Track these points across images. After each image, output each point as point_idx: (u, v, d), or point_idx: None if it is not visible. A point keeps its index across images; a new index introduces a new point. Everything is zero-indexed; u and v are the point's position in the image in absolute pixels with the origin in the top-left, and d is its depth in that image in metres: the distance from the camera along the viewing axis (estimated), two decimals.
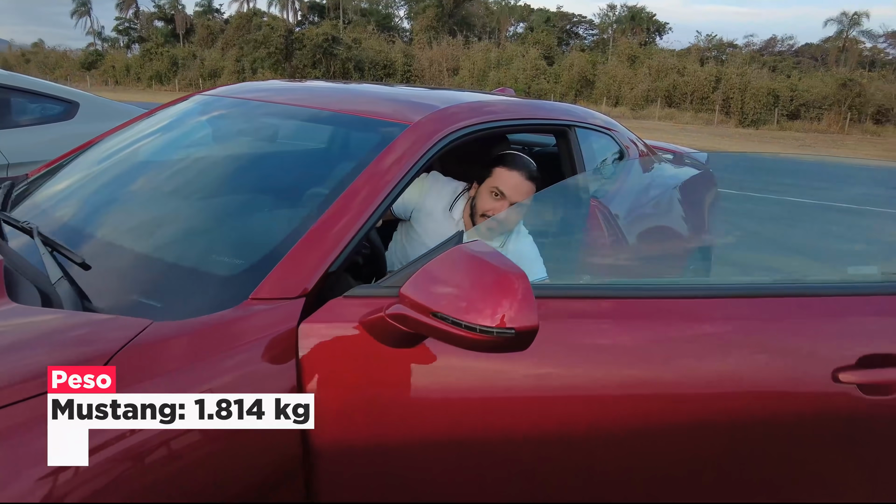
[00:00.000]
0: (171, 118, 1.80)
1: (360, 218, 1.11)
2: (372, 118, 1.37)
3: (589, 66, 34.66)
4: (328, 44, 37.88)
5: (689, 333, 1.13)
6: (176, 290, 1.05)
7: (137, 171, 1.56)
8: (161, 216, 1.33)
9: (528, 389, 1.05)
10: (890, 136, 26.21)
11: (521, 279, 0.83)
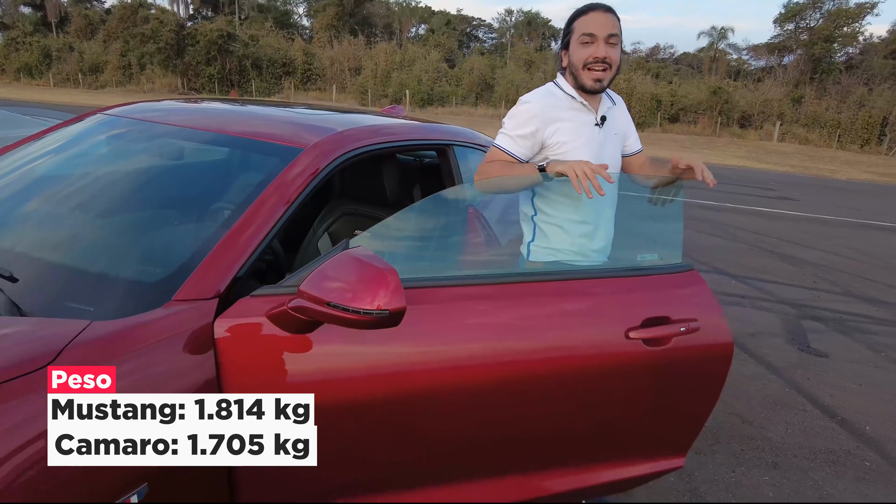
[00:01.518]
0: (75, 136, 1.92)
1: (263, 230, 1.34)
2: (272, 142, 1.60)
3: (489, 69, 35.75)
4: (223, 40, 36.27)
5: (527, 311, 1.48)
6: (105, 295, 1.22)
7: (48, 187, 1.67)
8: (80, 230, 1.47)
9: (406, 361, 1.34)
10: (751, 139, 29.35)
11: (392, 273, 1.11)
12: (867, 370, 3.39)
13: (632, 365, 1.54)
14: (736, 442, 2.54)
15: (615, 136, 1.79)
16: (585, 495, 1.68)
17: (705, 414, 1.78)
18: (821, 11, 36.28)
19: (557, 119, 1.66)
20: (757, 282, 5.01)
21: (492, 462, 1.55)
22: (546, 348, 1.47)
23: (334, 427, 1.27)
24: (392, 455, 1.42)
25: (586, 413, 1.58)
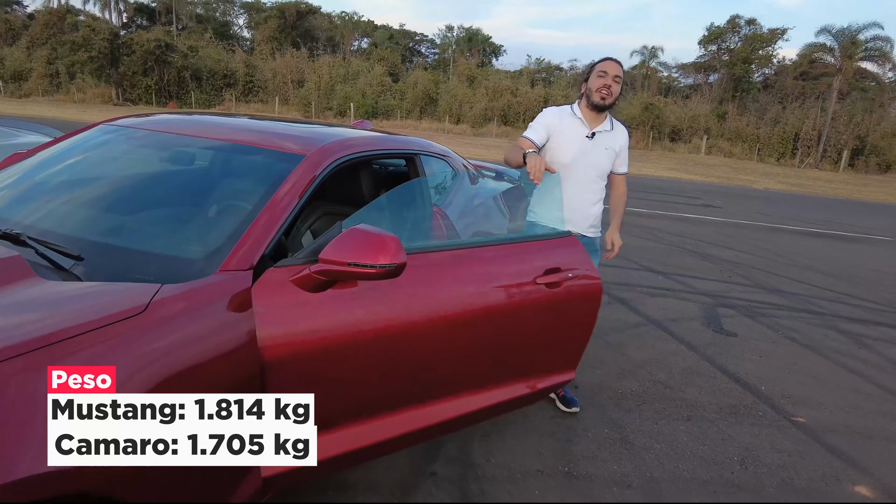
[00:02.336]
0: (99, 143, 2.21)
1: (280, 219, 1.70)
2: (280, 150, 1.95)
3: (432, 84, 36.42)
4: (161, 51, 35.41)
5: (474, 269, 1.96)
6: (162, 269, 1.54)
7: (96, 187, 1.97)
8: (133, 221, 1.79)
9: (391, 310, 1.74)
10: (681, 152, 31.22)
11: (395, 239, 1.51)
12: (767, 346, 4.00)
13: (539, 302, 2.11)
14: (659, 402, 3.03)
15: (605, 150, 2.59)
16: (516, 405, 2.28)
17: (587, 337, 2.44)
18: (739, 35, 39.03)
19: (560, 125, 2.58)
20: (680, 277, 5.64)
21: (452, 382, 2.02)
22: (485, 292, 1.99)
23: (343, 360, 1.65)
24: (384, 380, 1.82)
25: (514, 340, 2.13)
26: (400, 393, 1.89)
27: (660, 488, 2.30)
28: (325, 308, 1.63)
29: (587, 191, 2.62)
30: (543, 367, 2.33)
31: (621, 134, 2.65)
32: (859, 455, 2.71)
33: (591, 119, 2.58)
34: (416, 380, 1.92)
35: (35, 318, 1.22)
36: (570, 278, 2.19)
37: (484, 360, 2.09)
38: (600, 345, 3.71)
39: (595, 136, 2.58)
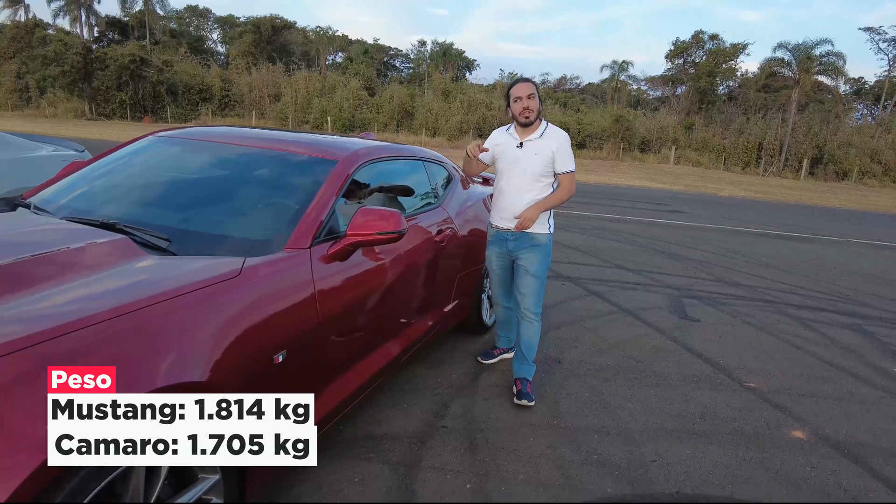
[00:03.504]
0: (161, 150, 2.62)
1: (325, 209, 2.13)
2: (319, 157, 2.39)
3: (408, 98, 36.98)
4: (136, 65, 35.36)
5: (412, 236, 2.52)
6: (244, 247, 1.95)
7: (175, 185, 2.40)
8: (212, 213, 2.21)
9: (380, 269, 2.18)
10: (651, 162, 32.26)
11: (397, 213, 2.04)
12: (726, 329, 4.51)
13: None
14: (631, 373, 3.49)
15: (535, 156, 2.90)
16: (434, 331, 3.09)
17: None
18: (703, 49, 40.57)
19: (499, 141, 3.02)
20: (649, 273, 6.16)
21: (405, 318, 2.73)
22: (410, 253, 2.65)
23: (361, 307, 2.14)
24: (372, 321, 2.35)
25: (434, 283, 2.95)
26: (385, 330, 2.57)
27: (633, 436, 2.76)
28: (352, 270, 2.15)
29: (523, 192, 2.92)
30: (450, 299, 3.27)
31: (553, 138, 2.91)
32: (799, 410, 3.20)
33: (522, 133, 2.94)
34: (395, 318, 2.65)
35: (157, 280, 1.61)
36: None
37: (418, 303, 2.90)
38: (579, 328, 4.18)
39: (524, 145, 2.91)
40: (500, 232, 3.03)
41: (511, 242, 3.00)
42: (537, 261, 2.98)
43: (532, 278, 2.99)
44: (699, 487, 2.39)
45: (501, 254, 3.08)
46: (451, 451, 2.49)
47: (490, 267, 3.19)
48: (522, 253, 2.98)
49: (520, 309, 3.06)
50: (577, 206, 11.70)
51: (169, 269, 1.69)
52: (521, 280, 3.02)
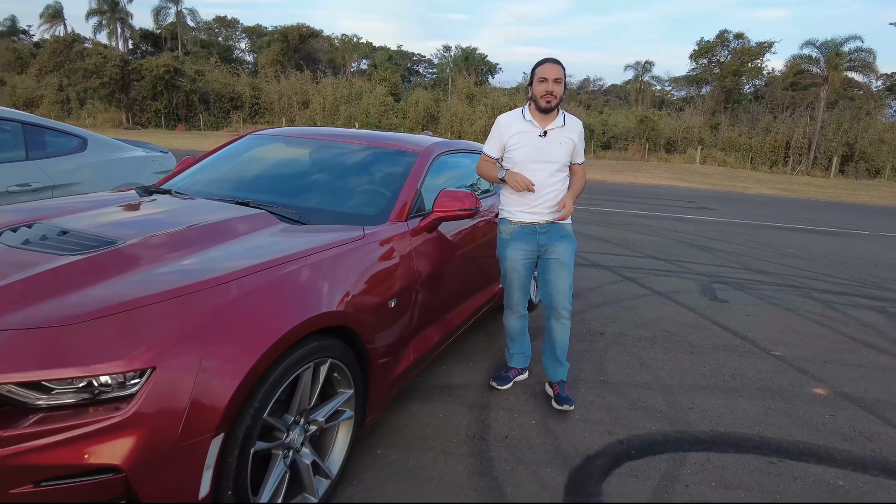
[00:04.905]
0: (262, 146, 3.12)
1: (412, 191, 2.60)
2: (403, 149, 2.87)
3: (433, 103, 37.58)
4: (170, 76, 36.64)
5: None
6: (355, 221, 2.42)
7: (297, 175, 2.92)
8: (336, 195, 2.70)
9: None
10: (677, 162, 32.28)
11: (472, 194, 2.51)
12: (754, 308, 4.87)
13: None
14: (667, 343, 3.89)
15: (559, 145, 2.72)
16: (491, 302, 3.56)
17: None
18: (728, 48, 40.41)
19: (512, 128, 2.75)
20: (679, 262, 6.52)
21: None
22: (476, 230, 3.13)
23: (440, 272, 2.59)
24: (451, 288, 2.83)
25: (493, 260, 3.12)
26: (457, 295, 3.02)
27: (671, 390, 3.16)
28: (437, 241, 2.60)
29: (547, 183, 2.73)
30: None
31: (574, 127, 2.77)
32: (821, 373, 3.56)
33: (542, 119, 2.71)
34: (463, 286, 3.10)
35: (304, 239, 2.08)
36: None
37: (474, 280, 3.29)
38: (617, 307, 4.58)
39: (548, 134, 2.70)
40: (527, 227, 2.80)
41: (542, 236, 2.80)
42: (570, 250, 2.84)
43: (567, 271, 2.81)
44: (730, 428, 2.79)
45: (528, 251, 2.83)
46: (515, 397, 2.93)
47: (511, 268, 2.87)
48: (555, 244, 2.80)
49: (554, 309, 2.85)
50: (607, 203, 12.05)
51: (309, 234, 2.16)
52: (554, 275, 2.81)
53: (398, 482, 2.17)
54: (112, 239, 1.88)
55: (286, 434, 1.77)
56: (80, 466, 1.32)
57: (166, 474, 1.40)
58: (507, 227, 2.85)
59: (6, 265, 1.69)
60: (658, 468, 2.39)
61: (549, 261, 2.82)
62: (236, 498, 1.55)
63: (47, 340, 1.39)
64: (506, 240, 2.86)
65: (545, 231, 2.80)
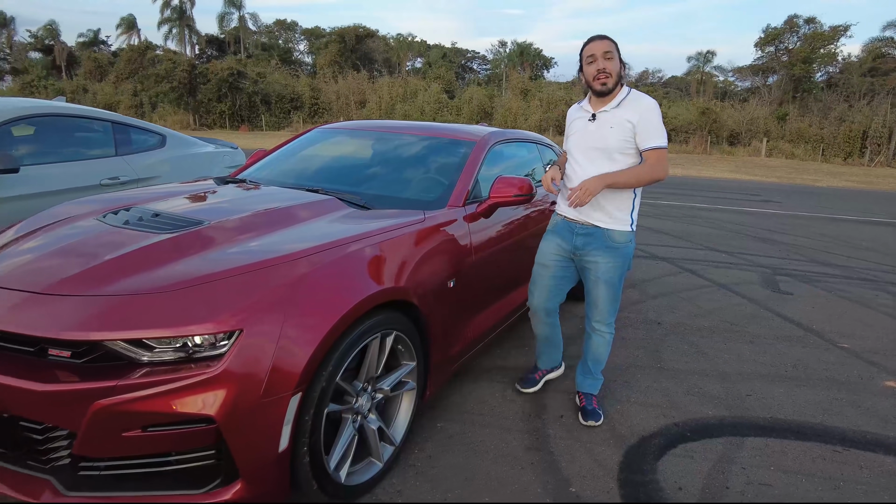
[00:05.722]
0: (329, 138, 3.30)
1: (471, 178, 2.70)
2: (460, 139, 2.97)
3: (487, 99, 37.53)
4: (234, 78, 38.14)
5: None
6: (416, 206, 2.54)
7: (361, 165, 3.08)
8: (399, 183, 2.84)
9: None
10: (740, 155, 30.99)
11: (527, 181, 2.57)
12: (820, 301, 4.70)
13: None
14: (726, 333, 3.83)
15: (610, 129, 2.33)
16: None
17: None
18: (797, 35, 38.41)
19: (571, 119, 2.55)
20: (741, 254, 6.35)
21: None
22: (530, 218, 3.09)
23: (495, 257, 2.66)
24: (505, 273, 2.86)
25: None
26: (512, 280, 3.05)
27: (729, 377, 3.13)
28: (493, 226, 2.69)
29: (589, 175, 2.36)
30: None
31: (633, 107, 2.32)
32: (892, 365, 3.43)
33: (596, 104, 2.41)
34: (518, 272, 3.09)
35: (366, 225, 2.22)
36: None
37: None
38: (675, 298, 4.54)
39: (597, 117, 2.37)
40: (568, 222, 2.51)
41: (580, 238, 2.46)
42: (612, 266, 2.43)
43: (605, 286, 2.46)
44: (791, 416, 2.75)
45: (563, 249, 2.53)
46: (570, 381, 2.99)
47: (539, 261, 2.61)
48: (593, 254, 2.44)
49: (590, 318, 2.59)
50: (666, 196, 11.79)
51: (374, 217, 2.30)
52: (591, 286, 2.50)
53: (457, 452, 2.28)
54: (199, 220, 2.07)
55: (355, 399, 1.91)
56: (179, 415, 1.49)
57: (251, 427, 1.55)
58: (553, 218, 2.64)
59: (112, 242, 1.90)
60: (714, 450, 2.40)
61: (587, 271, 2.51)
62: (311, 454, 1.70)
63: (149, 305, 1.57)
64: (548, 231, 2.63)
65: (583, 233, 2.45)
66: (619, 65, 2.32)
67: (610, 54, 2.29)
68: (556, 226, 2.58)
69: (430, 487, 2.06)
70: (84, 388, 1.48)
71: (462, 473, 2.15)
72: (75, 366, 1.54)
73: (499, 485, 2.10)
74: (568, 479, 2.16)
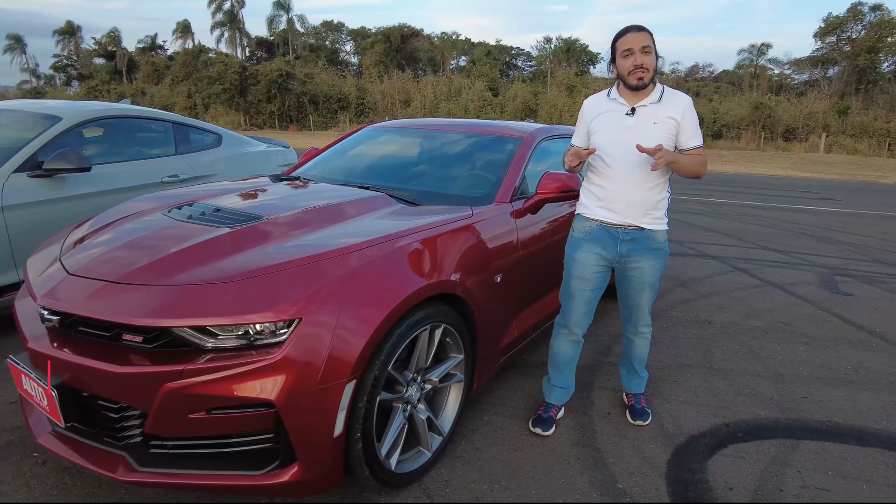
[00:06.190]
0: (378, 136, 3.37)
1: (518, 175, 2.71)
2: (507, 135, 2.99)
3: (531, 95, 37.26)
4: (283, 79, 39.11)
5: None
6: (464, 202, 2.58)
7: (411, 162, 3.13)
8: (445, 179, 2.89)
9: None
10: (797, 151, 29.77)
11: (575, 176, 2.55)
12: (882, 303, 4.50)
13: None
14: (780, 333, 3.72)
15: (653, 125, 2.18)
16: None
17: None
18: (862, 23, 36.55)
19: (596, 109, 2.30)
20: (797, 254, 6.12)
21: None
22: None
23: (541, 253, 2.65)
24: (552, 269, 2.81)
25: None
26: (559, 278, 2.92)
27: (784, 379, 3.04)
28: (540, 222, 2.67)
29: (635, 175, 2.22)
30: None
31: (674, 103, 2.21)
32: None
33: (631, 97, 2.23)
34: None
35: (415, 220, 2.27)
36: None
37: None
38: (726, 298, 4.42)
39: (637, 111, 2.20)
40: (608, 228, 2.30)
41: (624, 244, 2.29)
42: (657, 269, 2.35)
43: (650, 290, 2.38)
44: (851, 420, 2.65)
45: (605, 259, 2.33)
46: (616, 378, 2.97)
47: (578, 275, 2.36)
48: (638, 259, 2.31)
49: (633, 323, 2.49)
50: (717, 194, 11.46)
51: (423, 212, 2.35)
52: (635, 292, 2.38)
53: (503, 445, 2.31)
54: (257, 215, 2.17)
55: (405, 389, 1.96)
56: (241, 399, 1.57)
57: (308, 412, 1.62)
58: (582, 224, 2.35)
59: (177, 235, 2.01)
60: (767, 452, 2.34)
61: (631, 276, 2.35)
62: (364, 440, 1.76)
63: (213, 294, 1.66)
64: (579, 239, 2.35)
65: (629, 239, 2.28)
66: (656, 60, 2.19)
67: (648, 48, 2.13)
68: (591, 233, 2.33)
69: (478, 478, 2.09)
70: (154, 371, 1.57)
71: (508, 466, 2.18)
72: (147, 350, 1.64)
73: (545, 478, 2.11)
74: (615, 476, 2.15)
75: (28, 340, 1.79)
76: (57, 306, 1.74)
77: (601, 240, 2.30)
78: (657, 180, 2.25)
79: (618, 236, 2.29)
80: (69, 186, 3.42)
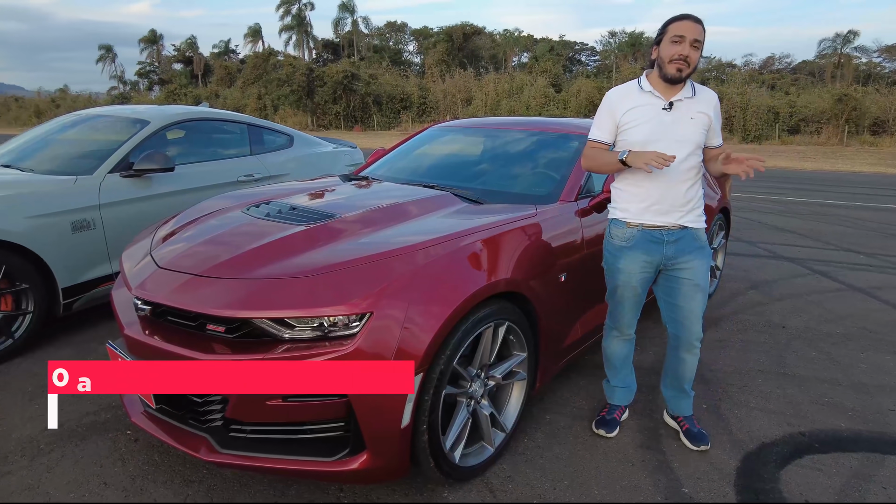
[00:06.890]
0: (443, 136, 3.43)
1: (583, 173, 2.69)
2: (567, 133, 2.98)
3: (595, 91, 36.44)
4: (348, 80, 40.05)
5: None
6: (529, 201, 2.59)
7: (472, 161, 3.18)
8: (509, 179, 2.93)
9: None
10: (886, 146, 27.72)
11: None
12: None
13: None
14: (864, 341, 3.50)
15: (691, 120, 2.11)
16: None
17: None
18: None
19: (626, 102, 2.15)
20: (883, 256, 5.73)
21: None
22: None
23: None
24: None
25: None
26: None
27: (867, 389, 2.88)
28: (605, 219, 2.62)
29: (678, 172, 2.13)
30: None
31: (709, 98, 2.17)
32: None
33: (665, 90, 2.13)
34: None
35: (480, 218, 2.30)
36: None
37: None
38: (802, 301, 4.22)
39: (674, 106, 2.11)
40: (651, 232, 2.19)
41: (670, 246, 2.19)
42: (705, 267, 2.24)
43: (702, 294, 2.23)
44: None
45: (649, 264, 2.23)
46: None
47: (625, 284, 2.27)
48: (686, 259, 2.20)
49: (684, 340, 2.31)
50: (793, 192, 10.89)
51: (487, 211, 2.38)
52: (687, 299, 2.23)
53: (566, 445, 2.31)
54: (330, 213, 2.27)
55: (470, 384, 2.00)
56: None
57: (378, 402, 1.69)
58: (622, 231, 2.23)
59: (256, 231, 2.13)
60: (847, 466, 2.23)
61: (679, 280, 2.22)
62: (430, 432, 1.81)
63: (290, 288, 1.76)
64: (620, 248, 2.25)
65: (675, 239, 2.18)
66: (699, 58, 2.11)
67: (698, 43, 2.05)
68: (632, 239, 2.21)
69: (539, 476, 2.11)
70: (235, 359, 1.68)
71: (570, 465, 2.18)
72: (228, 340, 1.75)
73: (608, 479, 2.10)
74: (680, 480, 2.11)
75: (124, 327, 1.95)
76: (148, 296, 1.88)
77: (643, 245, 2.21)
78: (696, 178, 2.19)
79: (663, 238, 2.19)
80: (155, 185, 3.67)
